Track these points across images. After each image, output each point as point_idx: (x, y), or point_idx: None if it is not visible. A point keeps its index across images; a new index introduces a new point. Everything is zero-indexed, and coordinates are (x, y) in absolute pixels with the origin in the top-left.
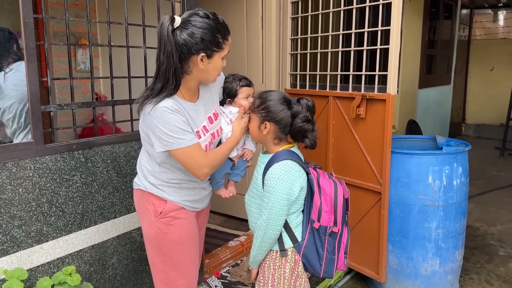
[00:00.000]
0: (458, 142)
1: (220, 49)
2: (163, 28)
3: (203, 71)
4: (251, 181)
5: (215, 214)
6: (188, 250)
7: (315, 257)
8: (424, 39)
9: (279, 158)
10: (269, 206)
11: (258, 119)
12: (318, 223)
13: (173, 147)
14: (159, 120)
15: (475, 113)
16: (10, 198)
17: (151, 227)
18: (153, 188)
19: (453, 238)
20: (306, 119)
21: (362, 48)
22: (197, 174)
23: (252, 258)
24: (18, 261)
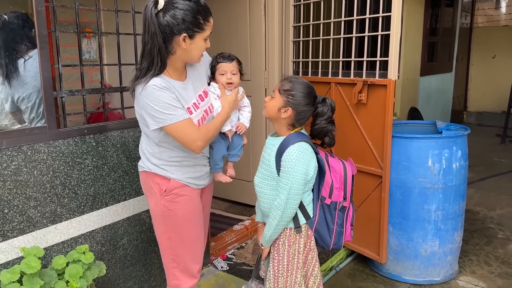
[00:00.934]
0: (457, 127)
1: (202, 30)
2: (147, 10)
3: (186, 51)
4: (260, 163)
5: (220, 200)
6: (192, 226)
7: (326, 231)
8: (425, 26)
9: (294, 140)
10: (288, 186)
11: (282, 101)
12: (329, 199)
13: (166, 123)
14: (150, 98)
15: (477, 100)
16: (25, 180)
17: (157, 205)
18: (156, 168)
19: (452, 220)
20: (330, 120)
21: (364, 34)
22: (192, 147)
23: (268, 237)
24: (34, 240)
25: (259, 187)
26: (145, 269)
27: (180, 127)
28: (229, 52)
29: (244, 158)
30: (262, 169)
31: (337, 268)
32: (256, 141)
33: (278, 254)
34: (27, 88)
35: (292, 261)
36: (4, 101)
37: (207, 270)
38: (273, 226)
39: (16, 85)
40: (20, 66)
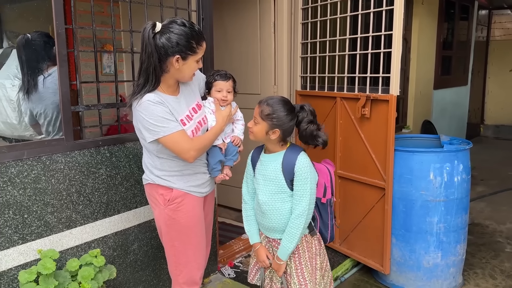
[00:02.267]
0: (460, 141)
1: (194, 53)
2: (145, 32)
3: (179, 70)
4: (261, 182)
5: (230, 209)
6: (194, 234)
7: (323, 227)
8: (439, 40)
9: (297, 151)
10: (307, 192)
11: (267, 125)
12: (324, 198)
13: (160, 135)
14: (145, 112)
15: (494, 114)
16: (44, 188)
17: (161, 215)
18: (159, 180)
19: (454, 232)
20: (309, 121)
21: (367, 51)
22: (185, 157)
23: (291, 249)
24: (50, 243)
25: (268, 204)
26: (154, 274)
27: (173, 138)
28: (240, 66)
29: None
30: (267, 186)
31: (342, 278)
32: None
33: (300, 263)
34: (45, 104)
35: (312, 265)
36: (24, 114)
37: (214, 277)
38: (297, 236)
39: (35, 100)
40: (40, 82)
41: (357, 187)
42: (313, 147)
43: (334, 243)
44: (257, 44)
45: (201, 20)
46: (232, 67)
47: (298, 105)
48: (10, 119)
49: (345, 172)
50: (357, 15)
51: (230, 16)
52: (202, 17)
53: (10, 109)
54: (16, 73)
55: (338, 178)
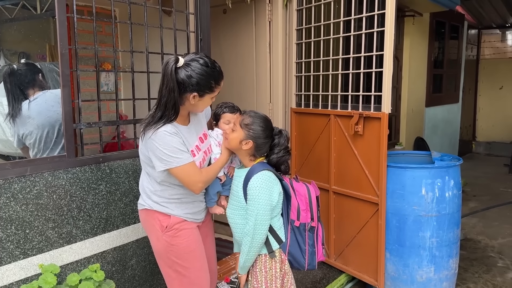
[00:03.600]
0: (450, 157)
1: (212, 92)
2: (168, 67)
3: (194, 105)
4: (230, 195)
5: (226, 225)
6: (195, 257)
7: (299, 253)
8: (430, 59)
9: (257, 169)
10: (254, 213)
11: (243, 134)
12: (298, 221)
13: (172, 166)
14: (160, 142)
15: (485, 131)
16: (45, 203)
17: (159, 241)
18: (157, 206)
19: (447, 246)
20: (287, 150)
21: (359, 71)
22: (193, 188)
23: (242, 264)
24: (51, 258)
25: (231, 218)
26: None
27: (184, 170)
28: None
29: None
30: (232, 201)
31: None
32: None
33: (257, 281)
34: (30, 126)
35: (270, 286)
36: (12, 138)
37: None
38: (245, 252)
39: (20, 123)
40: (25, 107)
41: (351, 203)
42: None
43: (329, 258)
44: (253, 63)
45: (199, 40)
46: (229, 85)
47: (277, 128)
48: (6, 136)
49: (340, 187)
50: (349, 36)
51: (226, 37)
52: (200, 38)
53: (7, 126)
54: None
55: (332, 194)
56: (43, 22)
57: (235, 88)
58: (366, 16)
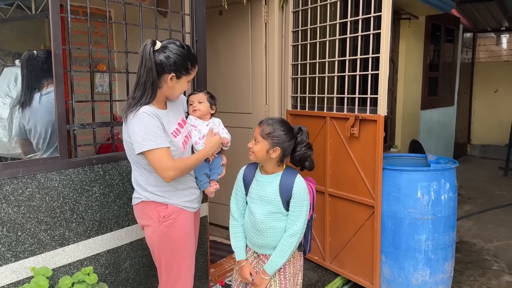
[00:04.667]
0: (446, 160)
1: (188, 73)
2: (146, 48)
3: (171, 88)
4: (257, 201)
5: (222, 228)
6: (186, 248)
7: (305, 241)
8: (425, 62)
9: (293, 173)
10: (303, 213)
11: (268, 144)
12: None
13: (145, 148)
14: (138, 123)
15: (480, 133)
16: (38, 205)
17: (154, 233)
18: (154, 196)
19: (442, 249)
20: (309, 146)
21: (355, 73)
22: (163, 175)
23: (280, 266)
24: (43, 261)
25: (265, 222)
26: None
27: (157, 155)
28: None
29: None
30: (264, 207)
31: None
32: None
33: (285, 277)
34: (37, 121)
35: (295, 280)
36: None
37: None
38: (288, 253)
39: (28, 115)
40: (36, 99)
41: (347, 205)
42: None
43: (324, 261)
44: (248, 65)
45: (195, 41)
46: (224, 87)
47: (296, 127)
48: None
49: (335, 190)
50: (345, 38)
51: (222, 38)
52: (196, 39)
53: (0, 127)
54: (7, 91)
55: (328, 196)
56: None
57: (230, 89)
58: (362, 18)
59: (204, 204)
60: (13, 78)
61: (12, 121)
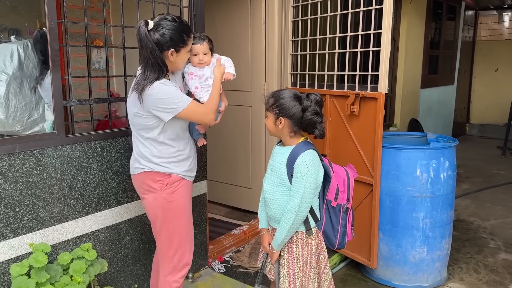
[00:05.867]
0: (446, 138)
1: (185, 45)
2: (141, 30)
3: (173, 62)
4: (269, 171)
5: (220, 205)
6: (188, 214)
7: (331, 232)
8: (426, 40)
9: (303, 148)
10: (301, 190)
11: (273, 116)
12: (335, 202)
13: (179, 110)
14: (160, 94)
15: (479, 113)
16: (35, 182)
17: (156, 200)
18: (158, 167)
19: (440, 227)
20: (315, 112)
21: (356, 50)
22: (206, 121)
23: (281, 241)
24: (42, 237)
25: (270, 193)
26: (145, 268)
27: (191, 109)
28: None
29: (244, 165)
30: (272, 177)
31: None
32: (255, 148)
33: (293, 257)
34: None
35: (305, 262)
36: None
37: (204, 271)
38: (286, 229)
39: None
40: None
41: None
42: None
43: None
44: (248, 41)
45: (192, 16)
46: None
47: (305, 94)
48: None
49: None
50: (347, 13)
51: (221, 14)
52: (194, 13)
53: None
54: (3, 68)
55: None
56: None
57: None
58: None
59: (203, 182)
60: (9, 55)
61: (8, 98)
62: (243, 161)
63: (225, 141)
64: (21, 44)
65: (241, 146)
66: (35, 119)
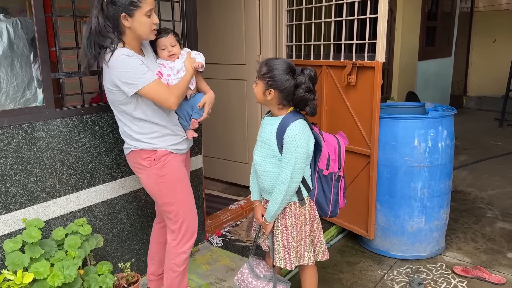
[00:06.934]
0: (444, 108)
1: (137, 7)
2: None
3: (132, 28)
4: (259, 143)
5: (218, 181)
6: (185, 186)
7: (324, 200)
8: (424, 10)
9: (292, 118)
10: (292, 161)
11: (264, 85)
12: (327, 170)
13: (139, 86)
14: (122, 66)
15: (476, 85)
16: (26, 157)
17: (149, 177)
18: (142, 144)
19: (438, 197)
20: (308, 89)
21: (353, 18)
22: (167, 104)
23: (274, 213)
24: (35, 213)
25: (261, 165)
26: (142, 243)
27: (153, 88)
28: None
29: (240, 140)
30: (262, 148)
31: (328, 244)
32: (251, 123)
33: (286, 228)
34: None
35: (300, 232)
36: None
37: (202, 246)
38: (278, 201)
39: None
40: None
41: None
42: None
43: None
44: (241, 12)
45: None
46: (216, 37)
47: (300, 69)
48: None
49: None
50: None
51: None
52: None
53: None
54: None
55: None
56: None
57: (222, 39)
58: None
59: (198, 157)
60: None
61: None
62: (239, 136)
63: (220, 116)
64: (10, 22)
65: (236, 121)
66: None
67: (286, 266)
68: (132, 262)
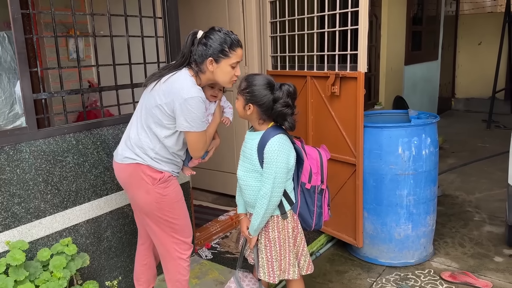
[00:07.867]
0: (427, 115)
1: (226, 56)
2: (187, 38)
3: (214, 73)
4: (242, 157)
5: (207, 192)
6: (182, 206)
7: (307, 213)
8: (409, 15)
9: (273, 133)
10: (272, 176)
11: (243, 100)
12: (309, 184)
13: (192, 130)
14: (195, 107)
15: (464, 87)
16: (9, 178)
17: (149, 193)
18: (151, 161)
19: (424, 204)
20: (285, 104)
21: (334, 29)
22: (196, 155)
23: (256, 226)
24: (19, 234)
25: (243, 180)
26: (129, 259)
27: (198, 137)
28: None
29: (229, 151)
30: (244, 163)
31: (317, 253)
32: (239, 135)
33: (269, 241)
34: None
35: (284, 245)
36: None
37: (192, 259)
38: (260, 215)
39: None
40: None
41: (329, 165)
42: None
43: None
44: (226, 23)
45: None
46: None
47: (279, 84)
48: None
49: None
50: None
51: None
52: None
53: None
54: None
55: None
56: None
57: None
58: None
59: None
60: None
61: None
62: (228, 147)
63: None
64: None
65: (225, 132)
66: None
67: (270, 279)
68: (119, 280)
